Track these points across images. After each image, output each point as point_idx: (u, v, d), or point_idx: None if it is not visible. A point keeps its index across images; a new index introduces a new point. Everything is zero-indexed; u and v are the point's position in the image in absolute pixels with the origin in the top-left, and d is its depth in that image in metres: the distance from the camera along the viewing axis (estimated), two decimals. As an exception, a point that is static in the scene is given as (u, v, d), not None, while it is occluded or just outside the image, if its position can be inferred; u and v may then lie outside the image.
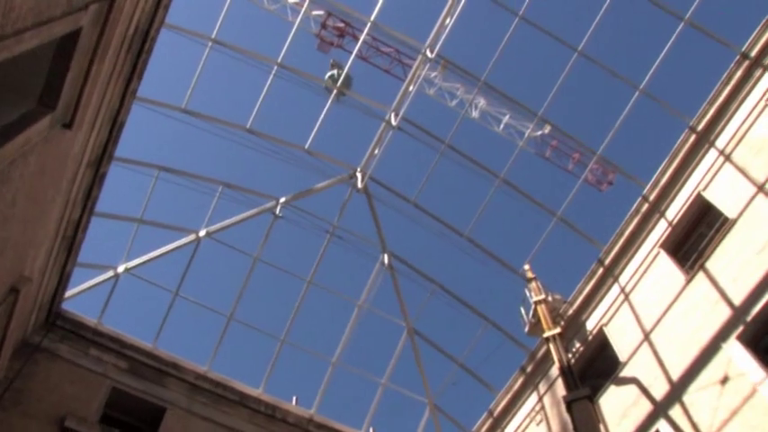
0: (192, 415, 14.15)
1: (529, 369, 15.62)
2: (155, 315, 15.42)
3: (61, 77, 7.78)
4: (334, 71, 23.03)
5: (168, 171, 15.29)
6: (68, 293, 13.88)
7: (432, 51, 15.64)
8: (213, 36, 14.76)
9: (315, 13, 26.74)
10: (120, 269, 14.99)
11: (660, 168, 14.11)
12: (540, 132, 26.97)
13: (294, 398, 15.73)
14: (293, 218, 16.41)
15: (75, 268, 13.20)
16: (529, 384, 15.58)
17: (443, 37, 15.45)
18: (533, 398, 15.30)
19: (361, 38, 21.70)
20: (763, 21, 12.79)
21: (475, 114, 26.66)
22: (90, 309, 14.36)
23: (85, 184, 11.49)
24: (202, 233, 15.72)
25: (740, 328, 10.57)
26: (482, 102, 26.74)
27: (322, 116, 16.01)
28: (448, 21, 15.30)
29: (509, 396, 15.90)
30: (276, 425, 14.85)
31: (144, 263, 15.33)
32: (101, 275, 14.83)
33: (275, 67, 15.36)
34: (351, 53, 21.21)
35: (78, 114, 8.70)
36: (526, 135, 21.09)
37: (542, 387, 15.12)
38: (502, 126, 26.81)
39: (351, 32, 27.06)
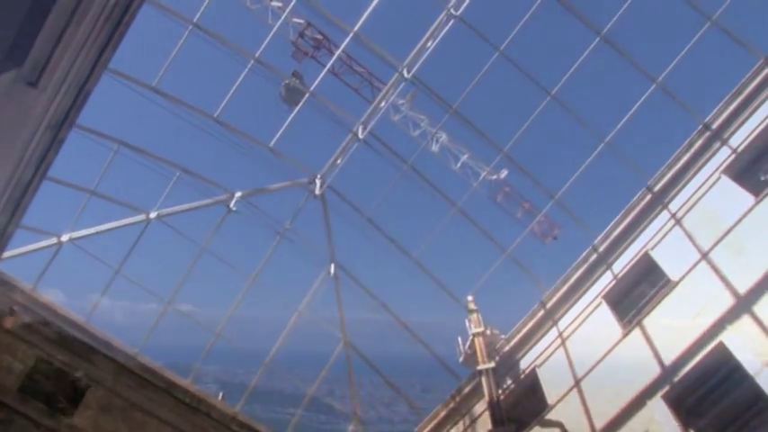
0: (115, 396, 13.88)
1: (457, 399, 15.70)
2: (94, 289, 15.12)
3: (33, 34, 7.63)
4: (291, 80, 22.94)
5: (128, 147, 15.05)
6: (6, 254, 13.53)
7: (408, 71, 15.72)
8: (195, 20, 14.65)
9: (295, 20, 26.72)
10: (65, 238, 14.69)
11: (613, 222, 14.39)
12: (495, 177, 27.31)
13: (221, 393, 15.56)
14: (246, 213, 16.32)
15: (17, 230, 12.88)
16: (454, 415, 15.65)
17: (423, 59, 15.57)
18: (457, 429, 15.36)
19: (337, 53, 21.76)
20: (728, 96, 13.19)
21: (435, 148, 26.87)
22: (27, 274, 14.04)
23: (42, 147, 11.21)
24: (153, 215, 15.51)
25: (666, 388, 10.82)
26: (444, 137, 26.99)
27: (290, 119, 16.00)
28: (429, 44, 15.43)
29: (434, 423, 15.95)
30: (199, 418, 14.63)
31: (90, 235, 15.04)
32: (43, 241, 14.52)
33: (251, 62, 15.31)
34: (324, 66, 21.14)
35: (46, 74, 8.54)
36: (482, 176, 21.28)
37: (467, 419, 15.20)
38: (459, 164, 27.04)
39: (327, 46, 27.05)
